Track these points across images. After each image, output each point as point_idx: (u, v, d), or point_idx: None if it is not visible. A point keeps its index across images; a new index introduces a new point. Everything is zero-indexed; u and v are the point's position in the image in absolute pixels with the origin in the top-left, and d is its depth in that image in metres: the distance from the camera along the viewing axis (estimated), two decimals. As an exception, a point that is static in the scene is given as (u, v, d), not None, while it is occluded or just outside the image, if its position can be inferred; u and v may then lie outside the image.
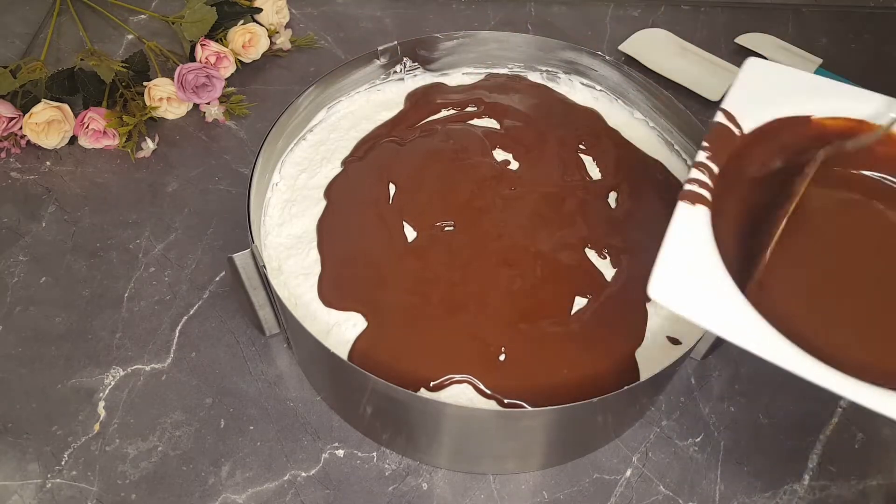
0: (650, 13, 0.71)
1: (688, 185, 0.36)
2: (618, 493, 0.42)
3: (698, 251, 0.33)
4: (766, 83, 0.40)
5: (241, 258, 0.39)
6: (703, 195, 0.35)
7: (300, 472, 0.42)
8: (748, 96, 0.39)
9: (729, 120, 0.38)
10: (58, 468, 0.42)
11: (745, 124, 0.38)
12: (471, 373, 0.39)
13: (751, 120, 0.38)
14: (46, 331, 0.47)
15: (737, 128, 0.38)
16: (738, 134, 0.38)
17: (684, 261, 0.33)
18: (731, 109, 0.38)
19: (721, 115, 0.38)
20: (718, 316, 0.31)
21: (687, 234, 0.34)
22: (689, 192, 0.35)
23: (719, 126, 0.38)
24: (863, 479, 0.43)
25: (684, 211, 0.35)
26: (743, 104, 0.39)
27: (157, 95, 0.58)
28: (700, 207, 0.35)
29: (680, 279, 0.32)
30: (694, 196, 0.35)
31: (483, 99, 0.53)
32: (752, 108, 0.39)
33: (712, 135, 0.38)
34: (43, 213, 0.54)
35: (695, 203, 0.35)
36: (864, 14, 0.72)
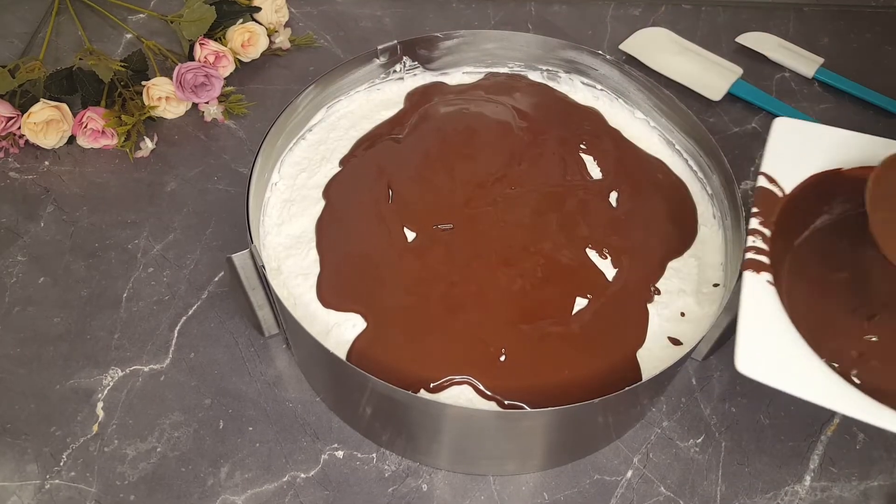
0: (651, 12, 0.71)
1: (748, 254, 0.37)
2: (618, 495, 0.42)
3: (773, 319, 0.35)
4: (796, 141, 0.42)
5: (239, 258, 0.39)
6: (764, 262, 0.37)
7: (299, 473, 0.42)
8: (783, 157, 0.41)
9: (770, 182, 0.40)
10: (56, 469, 0.42)
11: (786, 184, 0.40)
12: (471, 374, 0.39)
13: (790, 179, 0.41)
14: (45, 331, 0.47)
15: (779, 189, 0.40)
16: (781, 195, 0.40)
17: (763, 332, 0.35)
18: (770, 172, 0.40)
19: (763, 178, 0.40)
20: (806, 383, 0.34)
21: (759, 304, 0.36)
22: (752, 260, 0.37)
23: (764, 190, 0.40)
24: (864, 480, 0.42)
25: (751, 281, 0.36)
26: (780, 165, 0.41)
27: (156, 95, 0.58)
28: (764, 274, 0.37)
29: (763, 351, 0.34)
30: (756, 264, 0.37)
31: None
32: (789, 168, 0.41)
33: (759, 199, 0.40)
34: (41, 213, 0.54)
35: (759, 272, 0.37)
36: (866, 13, 0.72)
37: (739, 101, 0.63)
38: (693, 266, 0.44)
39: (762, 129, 0.61)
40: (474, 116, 0.52)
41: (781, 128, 0.42)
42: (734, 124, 0.61)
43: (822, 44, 0.68)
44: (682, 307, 0.43)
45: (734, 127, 0.61)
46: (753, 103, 0.62)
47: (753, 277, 0.37)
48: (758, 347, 0.34)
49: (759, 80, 0.64)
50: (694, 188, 0.49)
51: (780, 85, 0.65)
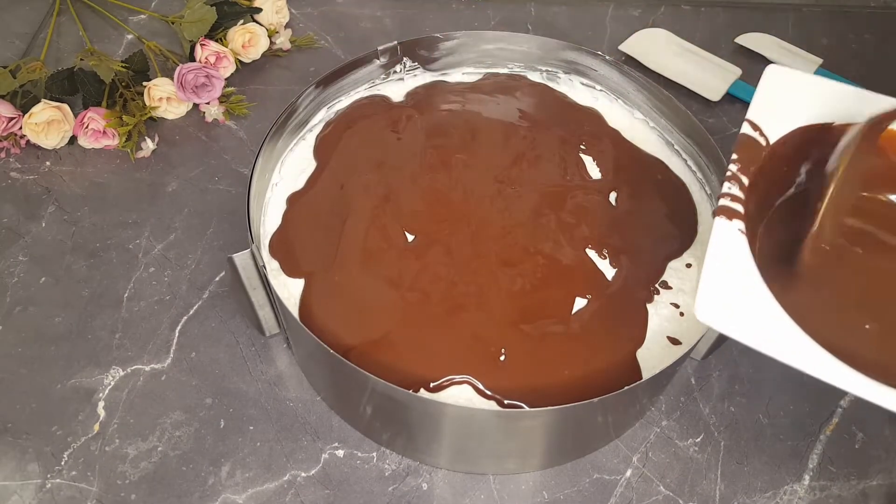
0: (650, 13, 0.71)
1: (722, 200, 0.35)
2: (618, 494, 0.42)
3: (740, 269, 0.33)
4: (787, 91, 0.39)
5: (240, 258, 0.39)
6: (738, 209, 0.35)
7: (300, 472, 0.42)
8: (771, 105, 0.39)
9: (755, 130, 0.38)
10: (57, 468, 0.42)
11: (771, 134, 0.38)
12: (471, 373, 0.39)
13: (776, 129, 0.38)
14: (46, 331, 0.47)
15: (763, 138, 0.38)
16: (765, 144, 0.38)
17: (728, 280, 0.33)
18: (756, 119, 0.38)
19: (747, 125, 0.38)
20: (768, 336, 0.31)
21: (727, 251, 0.34)
22: (725, 207, 0.35)
23: (746, 137, 0.38)
24: (863, 480, 0.43)
25: (722, 227, 0.35)
26: (767, 114, 0.38)
27: (157, 95, 0.58)
28: (736, 222, 0.35)
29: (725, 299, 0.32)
30: (729, 211, 0.35)
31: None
32: (776, 118, 0.38)
33: (740, 146, 0.37)
34: (42, 214, 0.54)
35: (731, 218, 0.35)
36: (865, 14, 0.72)
37: (738, 101, 0.63)
38: (692, 266, 0.45)
39: (761, 129, 0.61)
40: (474, 116, 0.52)
41: (773, 75, 0.40)
42: (733, 125, 0.61)
43: (820, 44, 0.69)
44: (681, 307, 0.43)
45: (733, 127, 0.61)
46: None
47: (725, 224, 0.35)
48: (721, 294, 0.32)
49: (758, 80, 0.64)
50: (693, 188, 0.49)
51: (779, 85, 0.65)
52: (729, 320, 0.31)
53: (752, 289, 0.33)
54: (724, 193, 0.36)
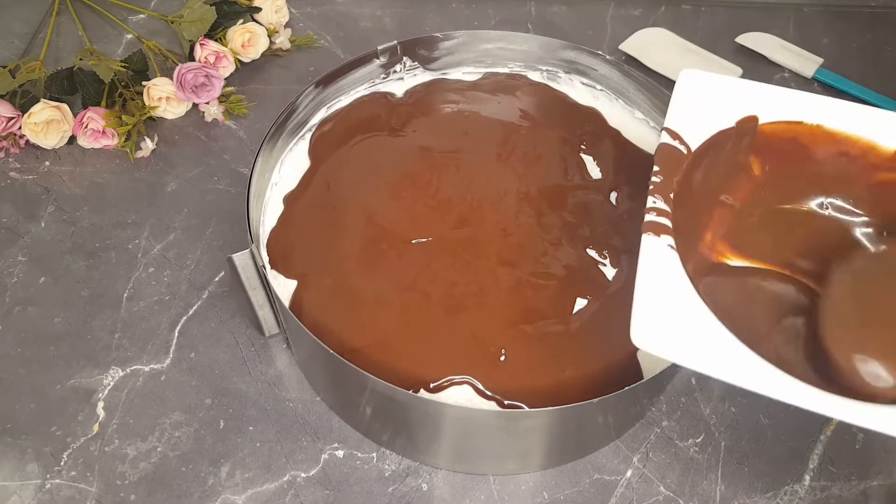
0: (651, 12, 0.71)
1: (648, 216, 0.33)
2: (618, 494, 0.42)
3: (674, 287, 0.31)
4: (703, 96, 0.38)
5: (240, 258, 0.39)
6: (665, 224, 0.34)
7: (300, 472, 0.42)
8: (689, 112, 0.37)
9: (674, 139, 0.36)
10: (57, 469, 0.42)
11: (692, 141, 0.36)
12: (471, 374, 0.39)
13: (696, 136, 0.36)
14: (45, 331, 0.47)
15: (683, 146, 0.36)
16: (686, 153, 0.36)
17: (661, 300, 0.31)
18: (675, 127, 0.36)
19: (665, 134, 0.36)
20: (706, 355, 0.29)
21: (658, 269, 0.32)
22: (651, 223, 0.33)
23: (665, 147, 0.36)
24: (864, 480, 0.43)
25: (651, 244, 0.33)
26: (685, 120, 0.37)
27: (157, 95, 0.58)
28: (665, 238, 0.33)
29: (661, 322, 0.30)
30: (656, 227, 0.33)
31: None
32: (696, 124, 0.37)
33: (661, 157, 0.36)
34: (42, 214, 0.54)
35: (659, 234, 0.33)
36: (866, 14, 0.72)
37: (739, 101, 0.63)
38: (693, 266, 0.45)
39: (762, 129, 0.61)
40: (473, 115, 0.52)
41: (688, 80, 0.38)
42: (734, 124, 0.61)
43: (821, 44, 0.68)
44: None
45: (734, 127, 0.61)
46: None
47: (653, 240, 0.33)
48: (656, 317, 0.30)
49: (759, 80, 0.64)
50: (693, 188, 0.49)
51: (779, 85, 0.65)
52: (668, 344, 0.29)
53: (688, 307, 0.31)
54: (649, 208, 0.34)
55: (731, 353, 0.30)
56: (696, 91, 0.38)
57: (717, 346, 0.30)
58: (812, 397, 0.29)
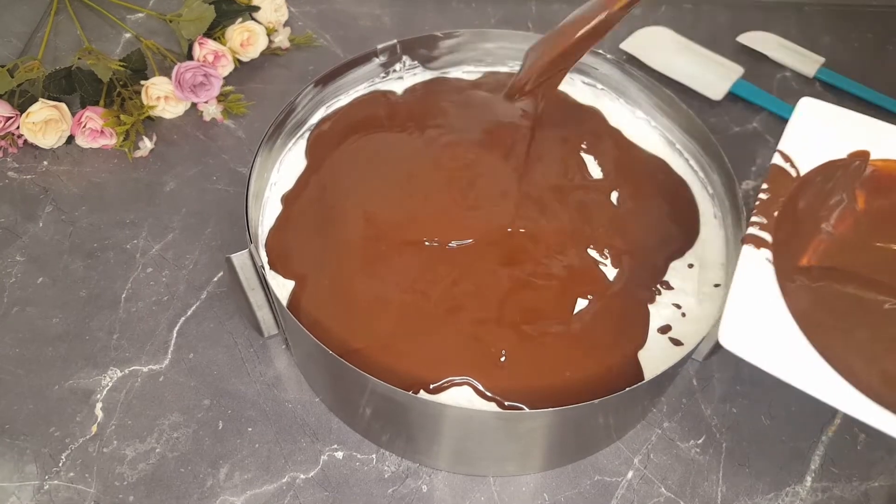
0: (651, 11, 0.71)
1: (750, 229, 0.36)
2: (619, 496, 0.41)
3: (765, 298, 0.34)
4: (820, 124, 0.40)
5: (239, 258, 0.39)
6: (766, 238, 0.36)
7: (299, 473, 0.42)
8: (804, 137, 0.39)
9: (786, 161, 0.39)
10: (55, 470, 0.42)
11: (802, 166, 0.39)
12: (471, 375, 0.39)
13: (807, 161, 0.39)
14: (43, 331, 0.47)
15: (794, 169, 0.39)
16: (795, 176, 0.38)
17: (753, 308, 0.34)
18: (788, 151, 0.39)
19: (778, 156, 0.39)
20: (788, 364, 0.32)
21: (753, 279, 0.35)
22: (752, 235, 0.36)
23: (777, 168, 0.38)
24: (865, 481, 0.42)
25: (749, 255, 0.35)
26: (799, 145, 0.39)
27: (155, 94, 0.58)
28: (763, 251, 0.36)
29: (749, 327, 0.33)
30: (757, 240, 0.36)
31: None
32: (808, 150, 0.39)
33: (770, 177, 0.38)
34: (40, 213, 0.53)
35: (759, 247, 0.36)
36: (867, 13, 0.72)
37: (740, 100, 0.63)
38: (694, 266, 0.44)
39: (763, 128, 0.61)
40: (474, 115, 0.52)
41: (808, 108, 0.40)
42: (735, 124, 0.61)
43: (823, 43, 0.68)
44: (682, 307, 0.42)
45: (735, 127, 0.61)
46: (754, 103, 0.62)
47: (752, 252, 0.36)
48: (745, 322, 0.33)
49: (760, 79, 0.64)
50: (695, 188, 0.48)
51: (780, 84, 0.65)
52: (752, 347, 0.32)
53: (776, 317, 0.33)
54: (753, 222, 0.36)
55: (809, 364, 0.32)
56: (813, 119, 0.40)
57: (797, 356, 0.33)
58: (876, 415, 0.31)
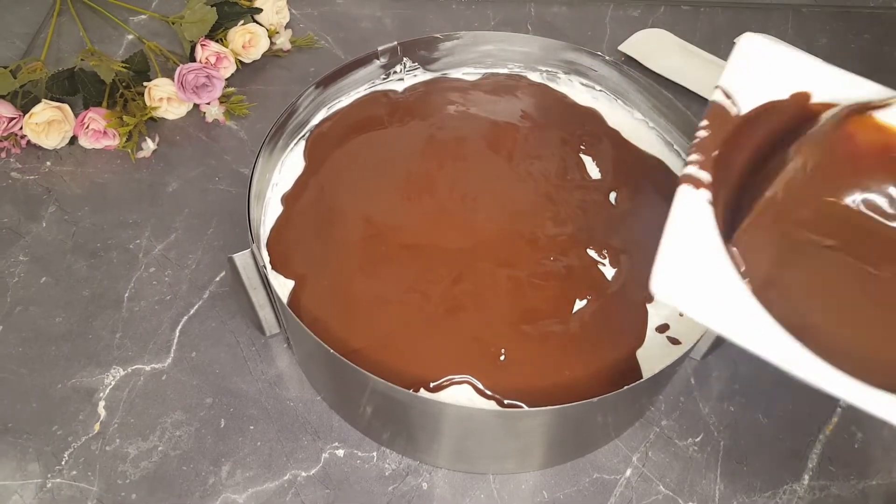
0: (650, 13, 0.71)
1: (688, 168, 0.33)
2: (617, 493, 0.42)
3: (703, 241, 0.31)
4: (763, 62, 0.37)
5: (241, 258, 0.39)
6: (705, 178, 0.33)
7: (300, 471, 0.42)
8: (746, 75, 0.36)
9: (727, 98, 0.36)
10: (58, 468, 0.42)
11: (743, 104, 0.36)
12: (471, 373, 0.39)
13: (749, 100, 0.36)
14: (46, 331, 0.47)
15: (734, 107, 0.36)
16: (735, 114, 0.35)
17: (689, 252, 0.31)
18: (729, 88, 0.36)
19: (719, 93, 0.36)
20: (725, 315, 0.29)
21: (690, 221, 0.32)
22: (690, 175, 0.33)
23: (717, 105, 0.35)
24: (863, 479, 0.43)
25: (686, 195, 0.32)
26: (741, 83, 0.36)
27: (158, 95, 0.58)
28: (702, 192, 0.33)
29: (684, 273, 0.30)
30: (695, 180, 0.33)
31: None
32: (751, 88, 0.36)
33: (710, 114, 0.35)
34: (43, 214, 0.54)
35: (698, 187, 0.33)
36: (864, 14, 0.72)
37: (738, 101, 0.63)
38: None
39: (761, 129, 0.61)
40: (473, 116, 0.52)
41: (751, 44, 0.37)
42: (733, 125, 0.61)
43: (820, 44, 0.69)
44: (680, 307, 0.43)
45: (733, 127, 0.61)
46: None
47: (690, 192, 0.32)
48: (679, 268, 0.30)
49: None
50: (693, 188, 0.49)
51: (778, 86, 0.65)
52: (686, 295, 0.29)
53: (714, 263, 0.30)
54: (691, 161, 0.33)
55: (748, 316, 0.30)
56: (754, 57, 0.37)
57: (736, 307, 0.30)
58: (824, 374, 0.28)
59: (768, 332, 0.29)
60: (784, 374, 0.45)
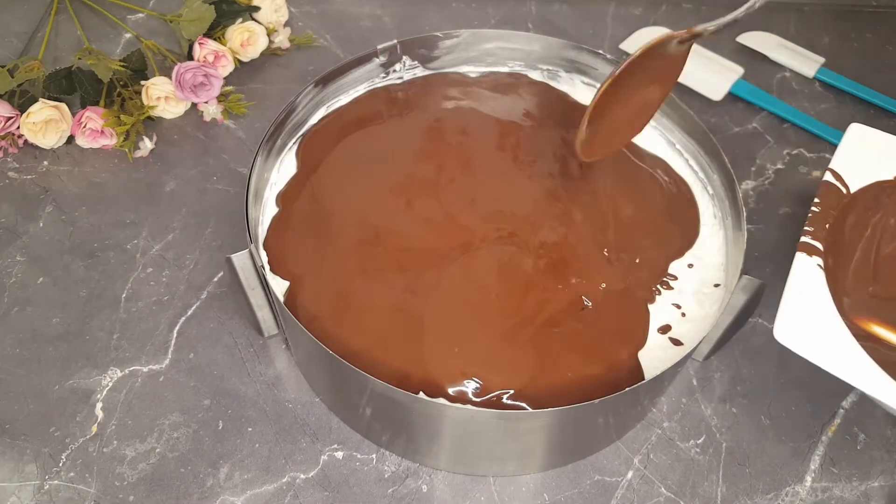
0: (651, 11, 0.71)
1: (803, 238, 0.41)
2: (619, 496, 0.41)
3: (815, 297, 0.39)
4: (867, 147, 0.46)
5: (239, 258, 0.39)
6: (817, 246, 0.41)
7: (299, 473, 0.42)
8: (853, 159, 0.45)
9: (836, 179, 0.44)
10: (56, 469, 0.42)
11: (851, 184, 0.44)
12: (471, 374, 0.39)
13: (855, 180, 0.44)
14: (44, 331, 0.47)
15: (844, 187, 0.44)
16: (845, 192, 0.44)
17: (804, 307, 0.38)
18: (839, 170, 0.44)
19: (829, 174, 0.44)
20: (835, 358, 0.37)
21: (805, 281, 0.39)
22: (805, 243, 0.41)
23: (828, 185, 0.44)
24: (865, 480, 0.42)
25: (802, 261, 0.40)
26: (848, 165, 0.45)
27: (155, 94, 0.58)
28: (815, 259, 0.40)
29: (801, 324, 0.38)
30: (809, 248, 0.41)
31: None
32: (857, 170, 0.45)
33: (822, 192, 0.44)
34: (40, 213, 0.53)
35: (811, 255, 0.41)
36: (867, 13, 0.72)
37: (740, 100, 0.63)
38: (694, 266, 0.44)
39: (763, 129, 0.61)
40: (473, 114, 0.52)
41: (857, 132, 0.46)
42: (735, 124, 0.61)
43: (822, 43, 0.68)
44: (682, 307, 0.42)
45: (735, 127, 0.61)
46: (754, 103, 0.62)
47: (804, 259, 0.40)
48: (798, 319, 0.37)
49: (760, 79, 0.64)
50: (695, 188, 0.48)
51: (780, 85, 0.65)
52: (803, 342, 0.37)
53: (826, 316, 0.38)
54: (806, 231, 0.41)
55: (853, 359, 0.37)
56: (862, 143, 0.46)
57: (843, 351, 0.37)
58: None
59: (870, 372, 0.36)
60: (785, 374, 0.46)
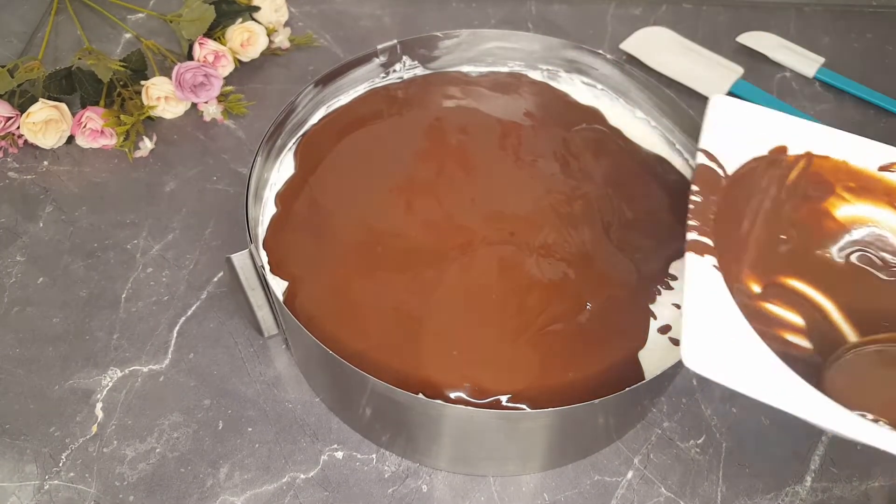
0: (651, 11, 0.71)
1: (690, 234, 0.34)
2: (619, 496, 0.41)
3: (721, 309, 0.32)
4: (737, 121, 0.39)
5: (239, 258, 0.39)
6: (707, 243, 0.34)
7: (299, 473, 0.42)
8: (723, 136, 0.38)
9: (712, 160, 0.37)
10: (55, 469, 0.42)
11: (728, 165, 0.37)
12: (471, 374, 0.39)
13: (732, 160, 0.37)
14: (44, 331, 0.47)
15: (720, 168, 0.37)
16: (723, 175, 0.37)
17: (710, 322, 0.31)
18: (712, 150, 0.37)
19: (702, 155, 0.37)
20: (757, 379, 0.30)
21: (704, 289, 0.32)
22: (694, 241, 0.34)
23: (704, 168, 0.36)
24: (865, 481, 0.42)
25: (694, 264, 0.33)
26: (720, 144, 0.37)
27: (155, 94, 0.58)
28: (707, 258, 0.33)
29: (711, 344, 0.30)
30: (699, 246, 0.33)
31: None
32: (731, 148, 0.37)
33: (699, 178, 0.36)
34: (40, 213, 0.53)
35: (703, 254, 0.33)
36: (867, 13, 0.72)
37: (740, 100, 0.63)
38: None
39: (763, 128, 0.61)
40: (473, 114, 0.52)
41: (720, 106, 0.39)
42: (735, 124, 0.61)
43: (822, 43, 0.68)
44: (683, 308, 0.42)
45: (735, 126, 0.61)
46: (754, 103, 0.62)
47: (697, 259, 0.33)
48: (706, 339, 0.30)
49: (760, 79, 0.64)
50: (694, 188, 0.48)
51: (780, 85, 0.65)
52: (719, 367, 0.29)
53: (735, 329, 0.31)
54: (691, 227, 0.34)
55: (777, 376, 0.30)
56: (727, 116, 0.39)
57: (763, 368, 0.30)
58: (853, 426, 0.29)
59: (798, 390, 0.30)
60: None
